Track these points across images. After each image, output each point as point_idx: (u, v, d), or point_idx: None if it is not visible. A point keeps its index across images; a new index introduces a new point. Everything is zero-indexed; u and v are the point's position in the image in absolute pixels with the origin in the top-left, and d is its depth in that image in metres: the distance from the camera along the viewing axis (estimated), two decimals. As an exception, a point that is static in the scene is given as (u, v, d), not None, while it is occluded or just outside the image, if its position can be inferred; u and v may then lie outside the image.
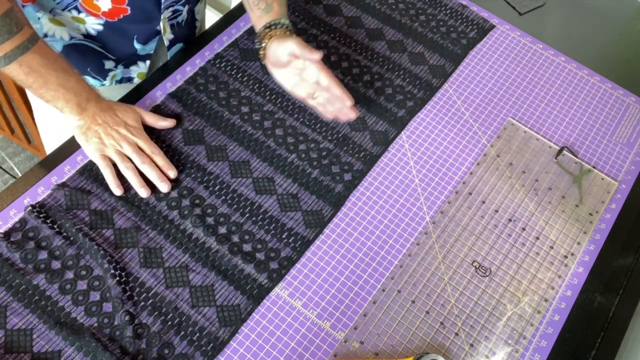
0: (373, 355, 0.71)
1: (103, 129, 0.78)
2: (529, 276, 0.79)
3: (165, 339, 0.68)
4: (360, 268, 0.77)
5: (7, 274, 0.70)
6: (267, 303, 0.73)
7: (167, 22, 0.89)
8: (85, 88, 0.78)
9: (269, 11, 0.84)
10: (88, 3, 0.81)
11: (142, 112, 0.82)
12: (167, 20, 0.89)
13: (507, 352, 0.73)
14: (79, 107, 0.77)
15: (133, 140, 0.79)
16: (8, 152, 1.76)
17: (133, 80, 0.97)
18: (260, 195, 0.81)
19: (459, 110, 0.94)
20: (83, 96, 0.77)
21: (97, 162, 0.78)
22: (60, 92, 0.76)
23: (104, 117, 0.78)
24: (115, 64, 0.92)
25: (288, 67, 0.83)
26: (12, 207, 0.75)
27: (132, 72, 0.95)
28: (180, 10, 0.90)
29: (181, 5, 0.89)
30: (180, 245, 0.75)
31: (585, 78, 1.01)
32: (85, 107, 0.78)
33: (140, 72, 0.96)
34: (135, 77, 0.96)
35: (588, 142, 0.94)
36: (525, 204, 0.85)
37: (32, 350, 0.66)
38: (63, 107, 0.77)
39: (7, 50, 0.70)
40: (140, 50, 0.91)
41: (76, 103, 0.77)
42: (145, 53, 0.93)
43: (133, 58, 0.93)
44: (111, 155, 0.78)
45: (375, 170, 0.86)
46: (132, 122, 0.80)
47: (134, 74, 0.96)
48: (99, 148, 0.78)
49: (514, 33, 1.05)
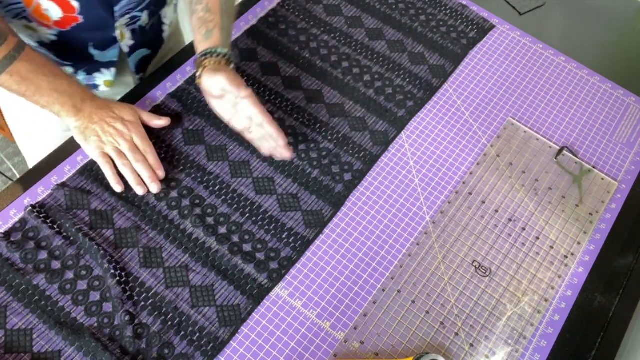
0: (373, 355, 0.71)
1: (100, 126, 0.78)
2: (529, 276, 0.79)
3: (165, 339, 0.68)
4: (360, 268, 0.77)
5: (7, 274, 0.70)
6: (267, 303, 0.73)
7: (126, 28, 0.87)
8: (78, 89, 0.78)
9: (209, 37, 0.80)
10: (37, 13, 0.78)
11: (139, 111, 0.82)
12: (125, 27, 0.86)
13: (507, 352, 0.73)
14: (75, 108, 0.77)
15: (129, 137, 0.78)
16: (8, 152, 1.76)
17: (99, 88, 0.94)
18: (260, 195, 0.81)
19: (459, 110, 0.94)
20: (77, 97, 0.77)
21: (97, 159, 0.78)
22: (54, 96, 0.75)
23: (101, 115, 0.78)
24: (74, 70, 0.90)
25: (224, 99, 0.79)
26: (12, 207, 0.75)
27: (97, 79, 0.93)
28: (138, 16, 0.87)
29: (139, 12, 0.86)
30: (180, 245, 0.75)
31: (585, 78, 1.01)
32: (80, 107, 0.77)
33: (106, 79, 0.93)
34: (102, 85, 0.94)
35: (588, 142, 0.94)
36: (525, 204, 0.85)
37: (32, 350, 0.66)
38: (59, 111, 0.77)
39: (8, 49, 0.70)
40: (99, 56, 0.89)
41: (71, 105, 0.77)
42: (106, 60, 0.90)
43: (94, 65, 0.90)
44: (109, 152, 0.78)
45: (375, 170, 0.86)
46: (129, 117, 0.80)
47: (98, 81, 0.93)
48: (98, 146, 0.77)
49: (514, 33, 1.05)
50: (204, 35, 0.80)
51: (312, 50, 0.97)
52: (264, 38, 0.97)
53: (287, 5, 1.02)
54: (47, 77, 0.74)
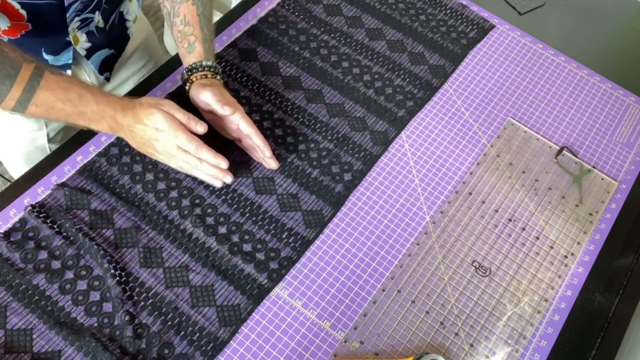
0: (373, 355, 0.71)
1: (144, 151, 0.76)
2: (529, 276, 0.79)
3: (165, 339, 0.68)
4: (360, 268, 0.77)
5: (7, 274, 0.70)
6: (267, 303, 0.73)
7: (79, 31, 0.84)
8: (106, 107, 0.73)
9: (191, 51, 0.79)
10: None
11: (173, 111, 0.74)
12: (77, 30, 0.83)
13: (507, 352, 0.73)
14: (111, 129, 0.74)
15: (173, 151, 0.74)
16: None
17: None
18: (260, 195, 0.81)
19: (459, 110, 0.94)
20: (108, 115, 0.73)
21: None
22: (85, 121, 0.72)
23: (136, 138, 0.74)
24: None
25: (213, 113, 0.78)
26: (12, 207, 0.75)
27: None
28: (90, 18, 0.84)
29: (90, 13, 0.83)
30: (180, 245, 0.75)
31: (585, 78, 1.01)
32: (115, 127, 0.74)
33: None
34: None
35: (588, 142, 0.94)
36: (525, 203, 0.85)
37: (32, 350, 0.66)
38: (99, 130, 0.75)
39: (17, 96, 0.67)
40: (53, 61, 0.85)
41: (106, 127, 0.74)
42: (61, 64, 0.86)
43: None
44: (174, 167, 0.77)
45: (375, 170, 0.86)
46: (162, 125, 0.72)
47: None
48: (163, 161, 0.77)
49: (514, 33, 1.05)
50: (186, 49, 0.80)
51: (312, 50, 0.97)
52: (264, 38, 0.97)
53: (287, 5, 1.02)
54: (72, 103, 0.70)
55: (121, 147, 0.82)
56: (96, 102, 0.72)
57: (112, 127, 0.74)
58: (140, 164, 0.81)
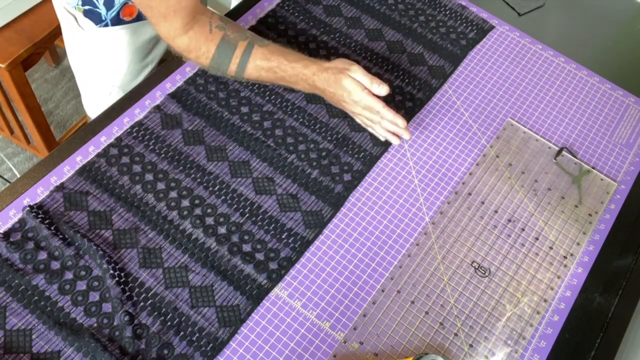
0: (372, 355, 0.71)
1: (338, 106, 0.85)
2: (529, 277, 0.79)
3: (164, 340, 0.68)
4: (360, 268, 0.77)
5: (7, 274, 0.70)
6: (267, 303, 0.73)
7: None
8: (300, 72, 0.82)
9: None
10: None
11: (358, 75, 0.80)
12: None
13: (507, 353, 0.73)
14: (308, 89, 0.84)
15: (359, 110, 0.83)
16: (7, 152, 1.76)
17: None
18: (260, 195, 0.81)
19: (458, 110, 0.94)
20: (302, 80, 0.82)
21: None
22: (286, 84, 0.84)
23: (328, 97, 0.84)
24: None
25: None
26: (12, 207, 0.75)
27: None
28: None
29: None
30: (180, 246, 0.75)
31: (585, 79, 1.01)
32: (310, 88, 0.83)
33: None
34: None
35: (587, 143, 0.94)
36: (525, 204, 0.85)
37: (31, 350, 0.66)
38: (300, 89, 0.86)
39: (234, 69, 0.81)
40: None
41: (304, 88, 0.84)
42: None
43: None
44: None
45: (375, 170, 0.86)
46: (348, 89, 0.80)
47: None
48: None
49: (514, 34, 1.06)
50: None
51: (312, 50, 0.97)
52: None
53: (286, 6, 1.02)
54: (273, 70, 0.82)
55: (120, 147, 0.82)
56: (292, 67, 0.82)
57: (308, 89, 0.84)
58: (140, 165, 0.81)
